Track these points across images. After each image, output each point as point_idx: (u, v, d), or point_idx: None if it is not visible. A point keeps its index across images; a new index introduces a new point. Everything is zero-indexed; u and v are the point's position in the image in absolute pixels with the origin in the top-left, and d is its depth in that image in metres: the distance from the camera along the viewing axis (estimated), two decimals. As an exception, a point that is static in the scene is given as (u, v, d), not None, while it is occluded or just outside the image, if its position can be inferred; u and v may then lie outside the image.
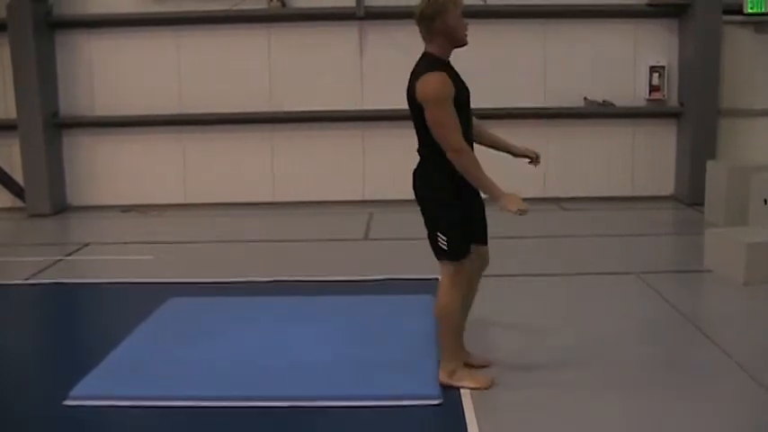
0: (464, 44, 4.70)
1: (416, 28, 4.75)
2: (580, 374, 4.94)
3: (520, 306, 6.42)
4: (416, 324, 5.77)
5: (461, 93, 4.64)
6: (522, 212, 4.40)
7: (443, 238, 4.56)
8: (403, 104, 4.79)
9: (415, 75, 4.62)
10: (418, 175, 4.79)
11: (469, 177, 4.48)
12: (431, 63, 4.60)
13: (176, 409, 4.48)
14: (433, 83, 4.51)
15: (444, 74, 4.52)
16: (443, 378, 4.71)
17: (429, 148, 4.62)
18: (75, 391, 4.65)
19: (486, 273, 4.79)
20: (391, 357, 5.13)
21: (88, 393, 4.64)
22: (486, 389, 4.67)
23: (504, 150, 5.16)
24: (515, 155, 5.21)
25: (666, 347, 5.55)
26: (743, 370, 4.93)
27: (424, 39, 4.70)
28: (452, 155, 4.46)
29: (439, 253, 4.64)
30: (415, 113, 4.64)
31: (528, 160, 5.19)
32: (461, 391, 4.63)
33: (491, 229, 4.96)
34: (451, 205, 4.61)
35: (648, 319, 6.14)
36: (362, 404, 4.48)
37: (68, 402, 4.56)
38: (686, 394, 4.64)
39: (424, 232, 4.71)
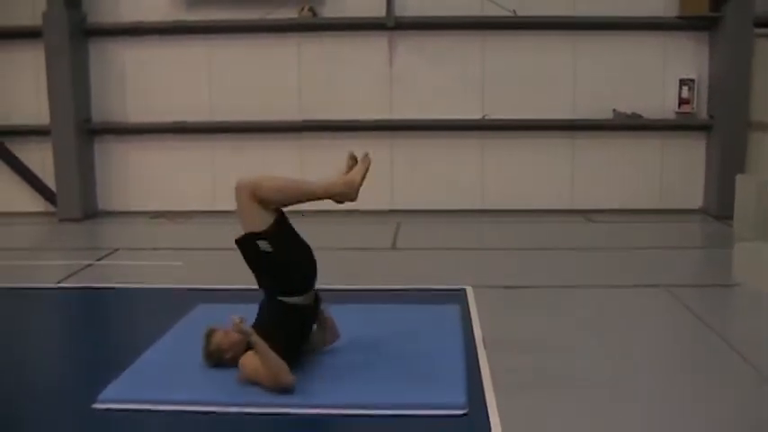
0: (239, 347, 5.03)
1: (446, 38, 4.86)
2: (607, 387, 4.93)
3: (547, 318, 6.41)
4: (443, 334, 5.77)
5: None
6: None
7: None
8: (431, 115, 4.83)
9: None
10: None
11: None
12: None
13: (203, 414, 4.51)
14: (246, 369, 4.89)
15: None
16: None
17: None
18: (103, 395, 4.69)
19: (513, 284, 4.78)
20: (417, 367, 5.14)
21: (116, 397, 4.69)
22: None
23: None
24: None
25: (693, 361, 5.52)
26: (770, 385, 4.90)
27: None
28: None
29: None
30: None
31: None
32: (488, 401, 4.63)
33: (516, 242, 4.96)
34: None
35: (676, 332, 6.11)
36: (388, 413, 4.48)
37: (97, 405, 4.61)
38: (713, 409, 4.61)
39: (451, 242, 4.73)
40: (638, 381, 5.04)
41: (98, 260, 8.77)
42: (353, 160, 5.30)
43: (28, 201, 11.76)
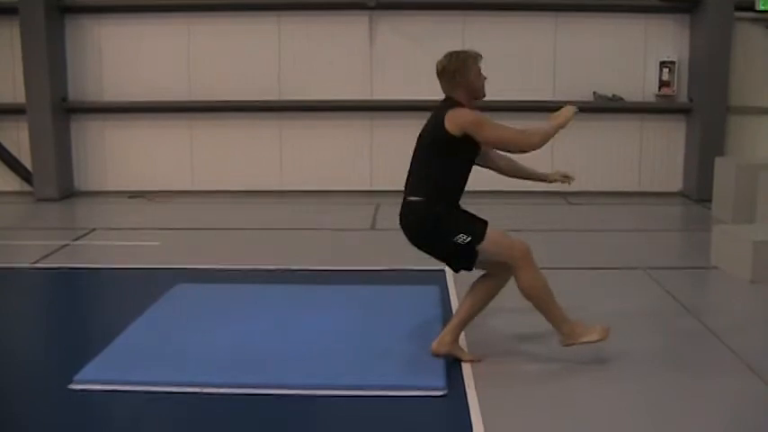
0: (482, 97, 5.06)
1: (426, 19, 4.84)
2: (584, 367, 4.94)
3: (525, 299, 6.41)
4: (422, 315, 5.77)
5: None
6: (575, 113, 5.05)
7: (464, 236, 4.70)
8: (412, 95, 4.83)
9: (442, 110, 4.83)
10: (426, 217, 4.88)
11: (545, 141, 5.07)
12: (456, 104, 4.87)
13: (182, 394, 4.49)
14: (468, 112, 4.83)
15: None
16: (567, 341, 4.87)
17: (436, 182, 4.88)
18: (80, 376, 4.66)
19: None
20: (396, 348, 5.14)
21: (93, 378, 4.65)
22: (605, 339, 4.85)
23: (537, 180, 5.62)
24: (549, 181, 5.61)
25: (671, 343, 5.56)
26: (748, 368, 4.92)
27: (445, 91, 4.96)
28: (526, 146, 4.99)
29: (470, 255, 4.83)
30: (434, 146, 4.90)
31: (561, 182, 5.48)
32: (466, 381, 4.64)
33: (496, 223, 4.96)
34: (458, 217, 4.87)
35: (654, 314, 6.13)
36: (367, 394, 4.49)
37: (73, 386, 4.57)
38: (689, 390, 4.64)
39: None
40: (616, 362, 5.05)
41: (75, 240, 8.70)
42: None
43: (3, 180, 11.63)
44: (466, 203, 4.95)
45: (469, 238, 4.71)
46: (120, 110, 11.46)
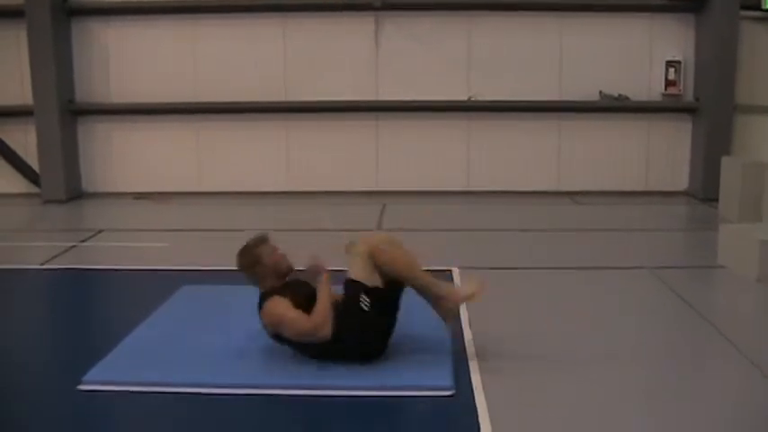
0: (288, 270, 5.07)
1: (432, 19, 4.82)
2: (592, 368, 4.94)
3: (532, 299, 6.42)
4: (429, 315, 5.76)
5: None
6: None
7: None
8: (417, 96, 4.83)
9: (259, 306, 4.92)
10: None
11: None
12: (267, 293, 4.92)
13: (188, 395, 4.50)
14: (269, 313, 4.81)
15: (277, 296, 4.83)
16: None
17: None
18: (88, 377, 4.67)
19: (498, 265, 4.80)
20: (403, 348, 5.13)
21: (101, 379, 4.67)
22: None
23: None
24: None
25: (678, 343, 5.55)
26: (754, 366, 4.91)
27: (253, 284, 5.07)
28: (323, 336, 4.73)
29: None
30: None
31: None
32: (474, 382, 4.63)
33: (506, 224, 4.96)
34: None
35: (660, 314, 6.13)
36: (374, 394, 4.49)
37: (82, 387, 4.59)
38: (696, 389, 4.64)
39: (435, 224, 4.72)
40: (623, 361, 5.05)
41: (82, 242, 8.72)
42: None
43: (11, 182, 11.67)
44: (477, 204, 4.96)
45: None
46: (127, 111, 11.49)
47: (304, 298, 4.84)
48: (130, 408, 4.46)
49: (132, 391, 4.54)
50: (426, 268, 7.10)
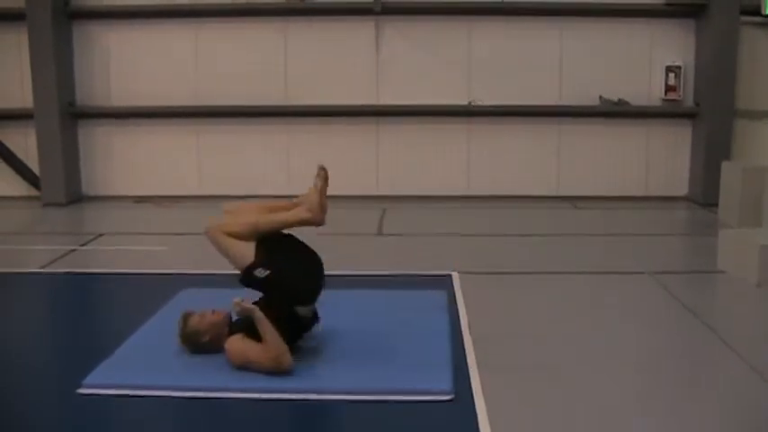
0: (227, 317, 5.07)
1: (433, 24, 4.83)
2: (591, 372, 4.94)
3: (533, 304, 6.42)
4: (429, 319, 5.77)
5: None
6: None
7: None
8: (418, 100, 4.83)
9: None
10: None
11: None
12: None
13: (188, 399, 4.50)
14: (229, 353, 4.87)
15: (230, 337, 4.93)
16: None
17: None
18: (88, 380, 4.68)
19: (499, 270, 4.80)
20: (403, 352, 5.14)
21: (101, 382, 4.67)
22: None
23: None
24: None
25: (678, 347, 5.55)
26: (754, 371, 4.92)
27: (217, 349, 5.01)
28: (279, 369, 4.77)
29: None
30: None
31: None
32: (474, 387, 4.64)
33: (506, 228, 4.96)
34: None
35: (660, 318, 6.14)
36: (374, 398, 4.49)
37: (81, 391, 4.59)
38: (695, 393, 4.65)
39: (437, 228, 4.73)
40: (623, 366, 5.05)
41: (82, 245, 8.72)
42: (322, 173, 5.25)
43: (11, 185, 11.68)
44: (477, 208, 4.97)
45: None
46: (128, 115, 11.50)
47: (253, 328, 4.83)
48: (130, 411, 4.45)
49: (132, 395, 4.54)
50: (426, 273, 7.15)
